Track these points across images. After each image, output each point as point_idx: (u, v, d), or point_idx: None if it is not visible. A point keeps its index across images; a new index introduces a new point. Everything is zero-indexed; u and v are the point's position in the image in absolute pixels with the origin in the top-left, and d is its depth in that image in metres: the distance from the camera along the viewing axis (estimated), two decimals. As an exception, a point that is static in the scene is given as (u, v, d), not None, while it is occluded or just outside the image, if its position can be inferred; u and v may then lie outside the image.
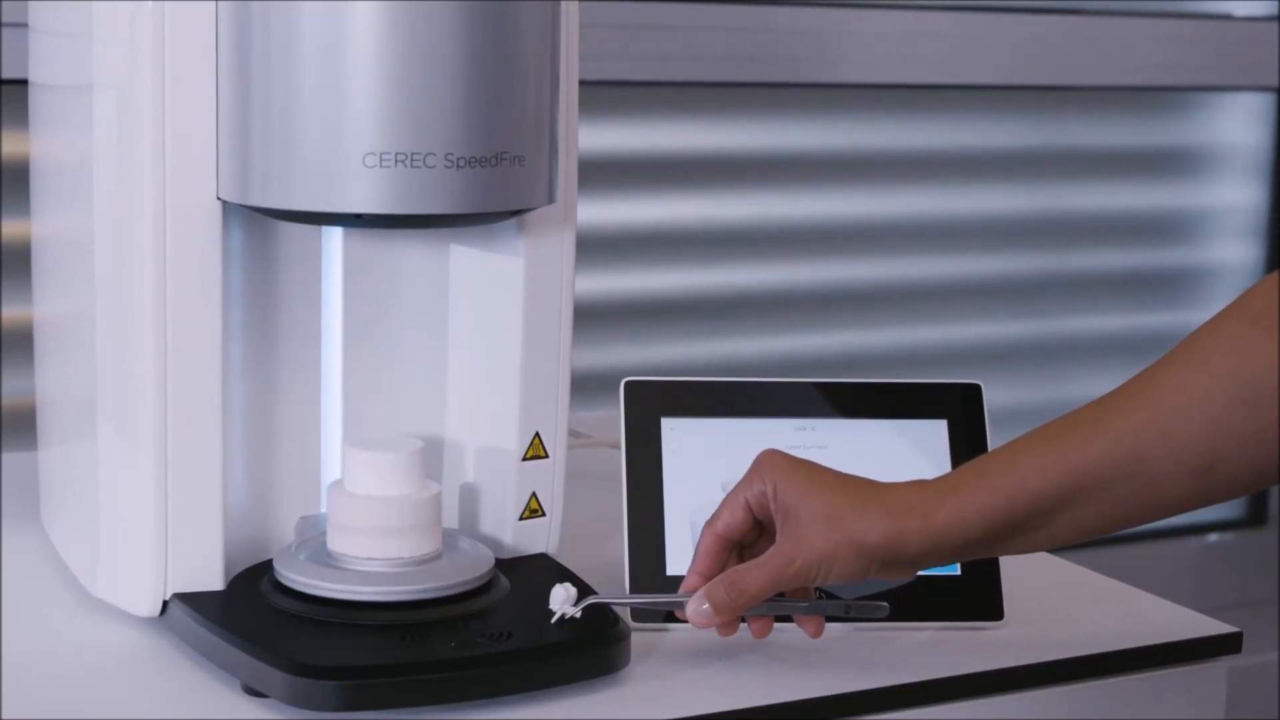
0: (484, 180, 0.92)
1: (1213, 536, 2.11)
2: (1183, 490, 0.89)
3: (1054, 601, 1.09)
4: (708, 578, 0.95)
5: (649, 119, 1.77)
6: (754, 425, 1.07)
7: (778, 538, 0.94)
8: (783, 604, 0.96)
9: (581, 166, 1.05)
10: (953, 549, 0.91)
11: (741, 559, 0.96)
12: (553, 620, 0.94)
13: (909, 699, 0.96)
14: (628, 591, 1.03)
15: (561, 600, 0.95)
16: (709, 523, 0.96)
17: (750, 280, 1.83)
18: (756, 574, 0.93)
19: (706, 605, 0.93)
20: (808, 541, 0.91)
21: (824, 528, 0.91)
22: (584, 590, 0.97)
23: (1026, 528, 0.91)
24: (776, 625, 0.99)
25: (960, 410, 1.09)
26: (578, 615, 0.94)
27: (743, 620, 0.97)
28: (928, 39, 1.82)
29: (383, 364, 1.06)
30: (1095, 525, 0.91)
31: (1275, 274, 0.89)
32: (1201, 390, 0.87)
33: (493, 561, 1.00)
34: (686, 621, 0.95)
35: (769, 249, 1.84)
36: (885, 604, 0.98)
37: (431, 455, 1.04)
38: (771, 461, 0.95)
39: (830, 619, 0.98)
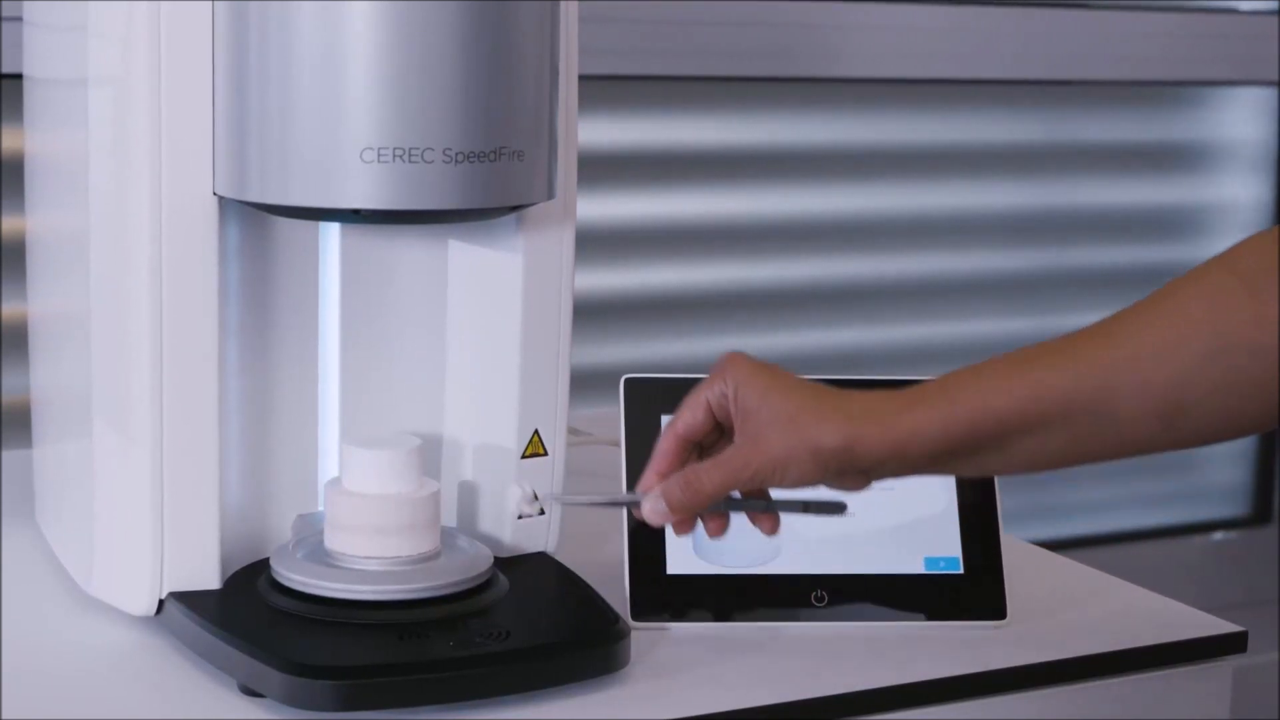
0: (483, 176, 0.91)
1: (1218, 535, 2.11)
2: (1147, 432, 0.89)
3: (1057, 600, 1.09)
4: (666, 477, 0.94)
5: (649, 114, 1.76)
6: (755, 423, 1.06)
7: (735, 439, 0.93)
8: (740, 503, 0.95)
9: (581, 162, 1.04)
10: (909, 460, 0.91)
11: (702, 460, 0.96)
12: (519, 517, 0.93)
13: (910, 699, 0.96)
14: (627, 589, 1.02)
15: (518, 500, 0.94)
16: (670, 423, 0.96)
17: (751, 276, 1.83)
18: (713, 473, 0.92)
19: (662, 503, 0.93)
20: (764, 443, 0.91)
21: (781, 430, 0.91)
22: (582, 586, 0.97)
23: (985, 449, 0.90)
24: (774, 625, 0.99)
25: (963, 407, 1.08)
26: (538, 514, 0.93)
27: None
28: (930, 33, 1.81)
29: (381, 361, 1.05)
30: (1055, 456, 0.91)
31: (1265, 231, 0.90)
32: (1176, 336, 0.87)
33: (491, 560, 0.99)
34: (644, 520, 0.94)
35: (770, 245, 1.83)
36: (844, 502, 0.96)
37: (430, 453, 1.04)
38: (734, 364, 0.94)
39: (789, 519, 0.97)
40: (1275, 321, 0.86)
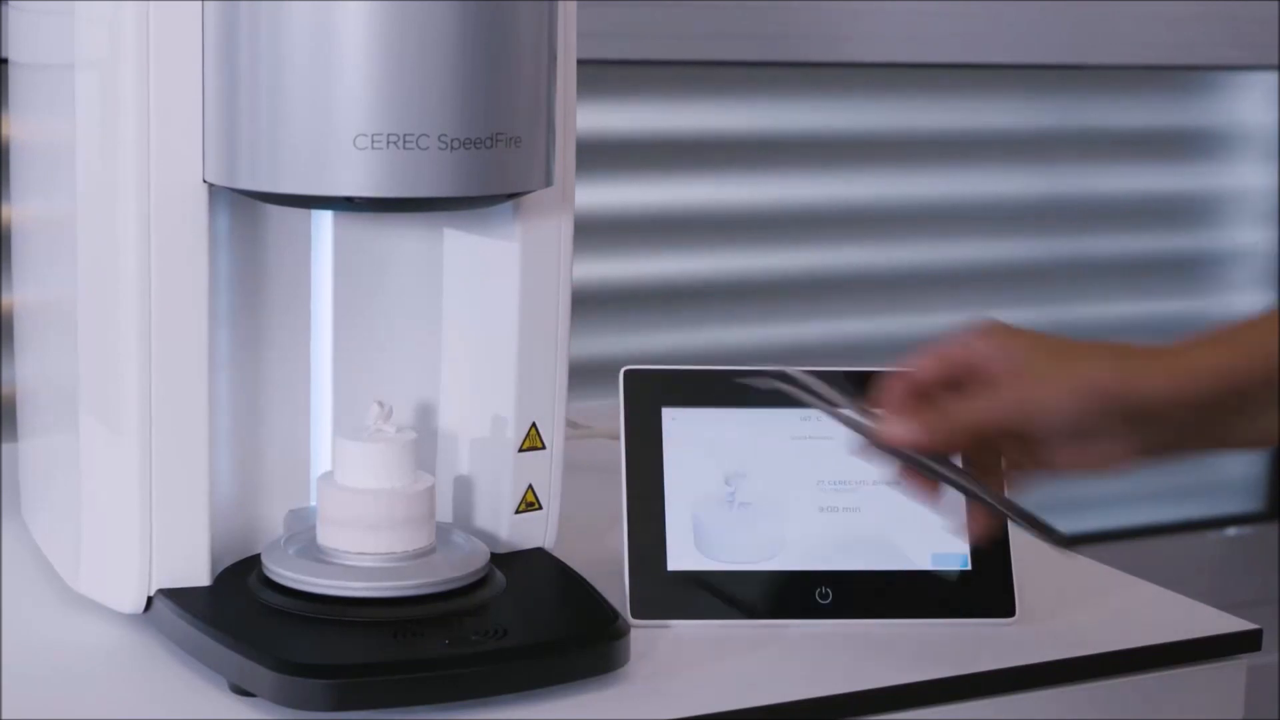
0: (479, 162, 0.91)
1: (1231, 530, 2.10)
2: None
3: (1067, 597, 1.08)
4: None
5: (649, 99, 1.75)
6: (757, 415, 1.05)
7: (996, 380, 0.88)
8: (974, 485, 0.90)
9: (580, 148, 1.03)
10: (1186, 400, 0.85)
11: None
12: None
13: (916, 698, 0.95)
14: (627, 586, 1.01)
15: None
16: (900, 373, 0.91)
17: (753, 266, 1.82)
18: (968, 403, 0.88)
19: (913, 423, 0.88)
20: (1027, 377, 0.87)
21: (1046, 363, 0.87)
22: (581, 583, 0.96)
23: (1257, 400, 0.85)
24: (777, 623, 0.99)
25: (970, 400, 1.07)
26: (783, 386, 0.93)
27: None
28: (937, 17, 1.80)
29: (374, 352, 1.05)
30: None
31: None
32: None
33: (488, 556, 0.99)
34: (884, 439, 0.89)
35: (772, 233, 1.82)
36: (1065, 533, 0.90)
37: (424, 446, 1.03)
38: (989, 327, 0.89)
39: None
40: None
